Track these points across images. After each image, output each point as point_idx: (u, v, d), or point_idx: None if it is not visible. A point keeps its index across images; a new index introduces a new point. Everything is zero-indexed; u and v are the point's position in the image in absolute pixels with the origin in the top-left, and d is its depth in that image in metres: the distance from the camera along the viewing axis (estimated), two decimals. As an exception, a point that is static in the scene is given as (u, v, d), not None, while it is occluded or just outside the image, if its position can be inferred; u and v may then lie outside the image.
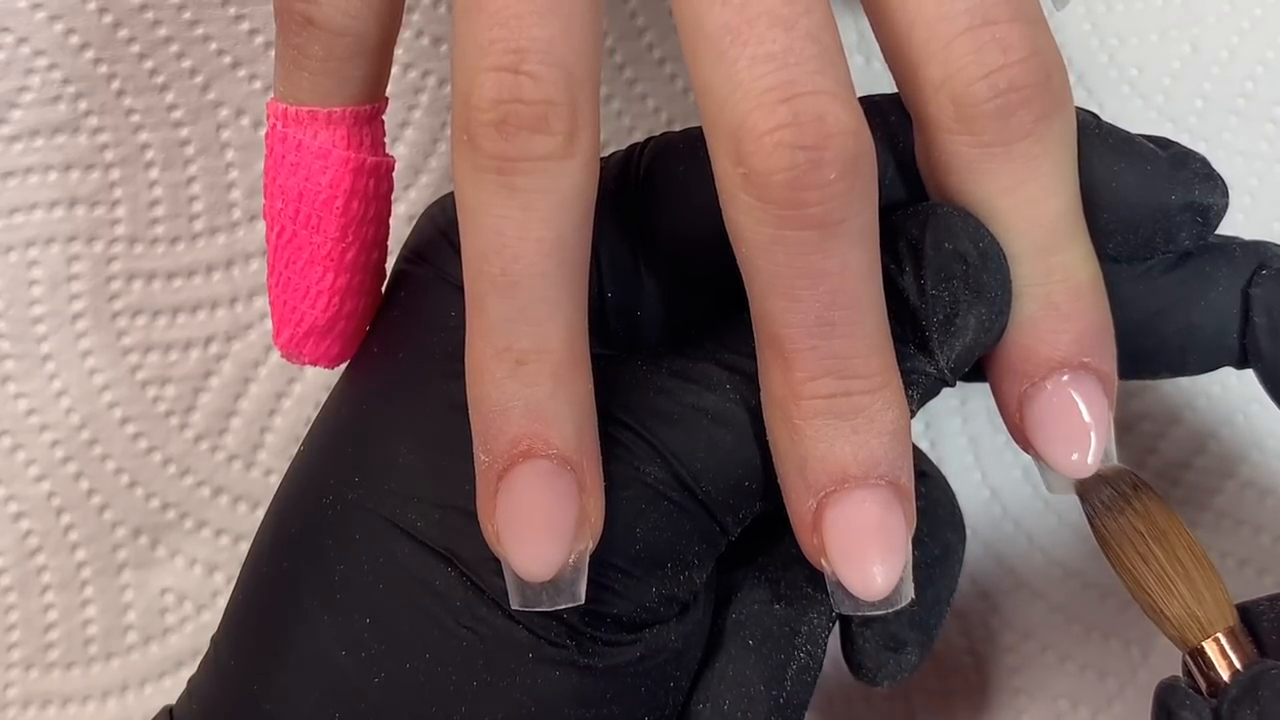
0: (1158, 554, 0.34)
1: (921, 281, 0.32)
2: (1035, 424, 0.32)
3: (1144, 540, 0.34)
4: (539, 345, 0.31)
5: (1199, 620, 0.33)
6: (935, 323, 0.32)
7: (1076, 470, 0.32)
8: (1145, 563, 0.34)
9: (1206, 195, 0.33)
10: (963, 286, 0.31)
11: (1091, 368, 0.32)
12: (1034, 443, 0.33)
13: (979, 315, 0.32)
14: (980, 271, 0.31)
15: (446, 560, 0.32)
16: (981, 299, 0.32)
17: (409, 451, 0.33)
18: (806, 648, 0.35)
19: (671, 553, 0.33)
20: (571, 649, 0.32)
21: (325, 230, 0.34)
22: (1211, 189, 0.33)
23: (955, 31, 0.31)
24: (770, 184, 0.29)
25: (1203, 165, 0.33)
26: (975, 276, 0.31)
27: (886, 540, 0.31)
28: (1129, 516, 0.34)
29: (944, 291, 0.31)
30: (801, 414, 0.31)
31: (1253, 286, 0.34)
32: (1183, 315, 0.34)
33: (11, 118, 0.42)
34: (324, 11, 0.33)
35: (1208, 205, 0.33)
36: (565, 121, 0.30)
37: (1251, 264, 0.34)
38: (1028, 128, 0.31)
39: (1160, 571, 0.34)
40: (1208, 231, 0.34)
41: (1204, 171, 0.33)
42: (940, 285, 0.31)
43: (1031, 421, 0.32)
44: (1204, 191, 0.33)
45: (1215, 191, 0.33)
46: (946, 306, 0.32)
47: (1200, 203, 0.33)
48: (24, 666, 0.45)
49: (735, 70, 0.29)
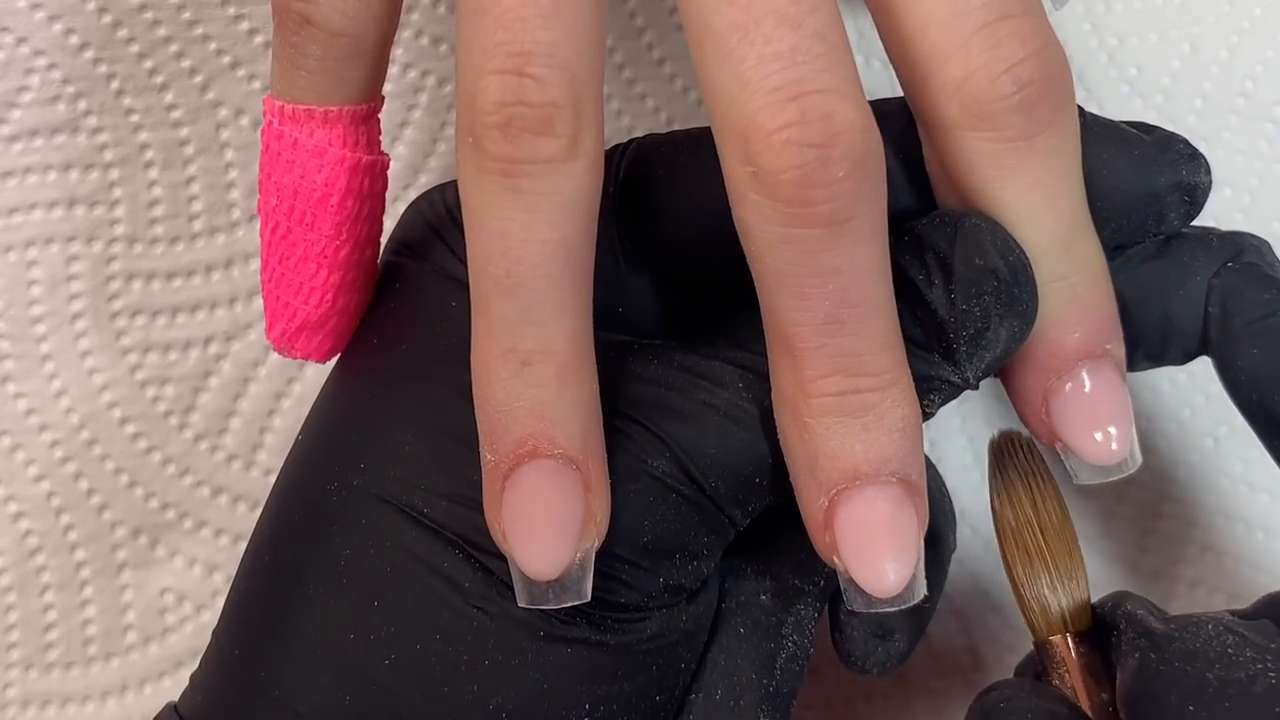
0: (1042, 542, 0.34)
1: (951, 296, 0.32)
2: (1063, 417, 0.32)
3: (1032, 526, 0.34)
4: (544, 346, 0.31)
5: (1047, 616, 0.34)
6: (964, 336, 0.32)
7: (1107, 458, 0.32)
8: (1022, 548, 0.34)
9: (1193, 175, 0.34)
10: (994, 301, 0.31)
11: (1111, 354, 0.32)
12: (1063, 435, 0.33)
13: (1011, 328, 0.32)
14: (1012, 286, 0.31)
15: (454, 544, 0.33)
16: (1013, 312, 0.32)
17: (415, 439, 0.33)
18: (794, 637, 0.35)
19: (679, 544, 0.33)
20: (582, 626, 0.33)
21: (320, 227, 0.34)
22: (1196, 168, 0.34)
23: (973, 27, 0.31)
24: (779, 182, 0.29)
25: (1185, 146, 0.34)
26: (1007, 291, 0.31)
27: (898, 537, 0.31)
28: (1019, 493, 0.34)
29: (974, 307, 0.31)
30: (812, 412, 0.31)
31: (1213, 277, 0.34)
32: (1161, 305, 0.34)
33: (11, 118, 0.42)
34: (322, 11, 0.33)
35: (1195, 184, 0.34)
36: (569, 124, 0.30)
37: (1226, 255, 0.34)
38: (1047, 120, 0.31)
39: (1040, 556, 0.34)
40: (1195, 211, 0.34)
41: (1188, 152, 0.34)
42: (971, 301, 0.31)
43: (1059, 415, 0.33)
44: (1190, 171, 0.34)
45: (1200, 170, 0.34)
46: (978, 321, 0.31)
47: (1188, 182, 0.33)
48: (24, 666, 0.45)
49: (743, 69, 0.29)
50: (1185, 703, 0.30)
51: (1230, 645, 0.30)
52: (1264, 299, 0.34)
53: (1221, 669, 0.30)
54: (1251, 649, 0.30)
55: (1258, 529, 0.44)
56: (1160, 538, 0.45)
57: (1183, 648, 0.31)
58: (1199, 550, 0.45)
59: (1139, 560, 0.45)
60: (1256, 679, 0.29)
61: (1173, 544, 0.45)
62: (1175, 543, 0.45)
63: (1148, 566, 0.45)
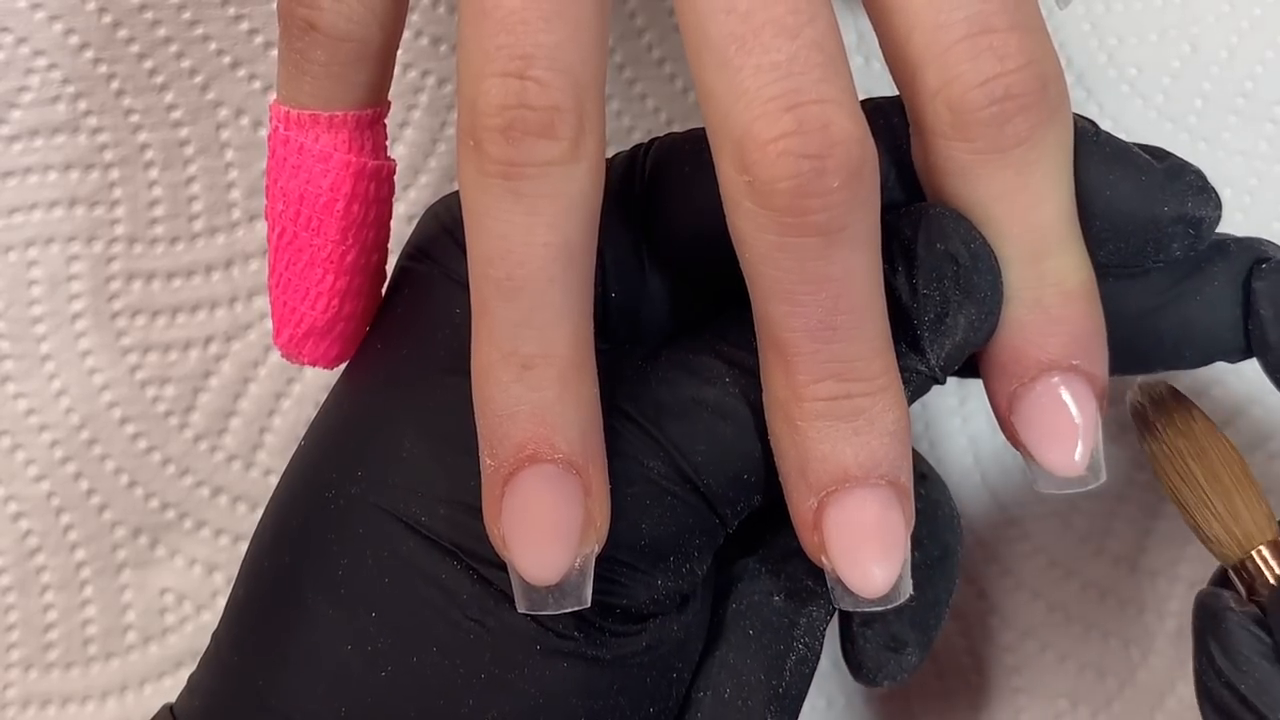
0: (1196, 472, 0.35)
1: (913, 281, 0.32)
2: (1024, 423, 0.33)
3: (1183, 458, 0.35)
4: (545, 350, 0.31)
5: (1236, 536, 0.35)
6: (926, 322, 0.32)
7: (1064, 469, 0.33)
8: (1185, 481, 0.35)
9: (1199, 208, 0.33)
10: (953, 286, 0.32)
11: (1081, 370, 0.32)
12: (1023, 441, 0.33)
13: (969, 315, 0.32)
14: (971, 272, 0.32)
15: (452, 554, 0.33)
16: (971, 299, 0.32)
17: (413, 446, 0.33)
18: (805, 639, 0.35)
19: (674, 546, 0.33)
20: (579, 640, 0.33)
21: (326, 233, 0.34)
22: (1204, 202, 0.33)
23: (953, 39, 0.31)
24: (774, 192, 0.29)
25: (1197, 178, 0.34)
26: (966, 277, 0.32)
27: (886, 539, 0.31)
28: (1170, 435, 0.35)
29: (935, 291, 0.32)
30: (803, 415, 0.31)
31: (1254, 280, 0.34)
32: (1178, 311, 0.34)
33: (11, 118, 0.42)
34: (327, 17, 0.33)
35: (1200, 218, 0.33)
36: (571, 127, 0.30)
37: (1248, 259, 0.35)
38: (1022, 135, 0.31)
39: (1199, 489, 0.35)
40: (1200, 244, 0.34)
41: (1198, 184, 0.34)
42: (931, 285, 0.32)
43: (1020, 420, 0.33)
44: (1197, 205, 0.33)
45: (1208, 205, 0.34)
46: (937, 306, 0.32)
47: (1193, 215, 0.33)
48: (24, 666, 0.45)
49: (740, 78, 0.29)
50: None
51: None
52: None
53: None
54: None
55: (1258, 529, 0.44)
56: (1160, 538, 0.45)
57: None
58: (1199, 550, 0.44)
59: (1139, 560, 0.45)
60: None
61: (1173, 544, 0.45)
62: (1175, 543, 0.45)
63: (1148, 566, 0.45)
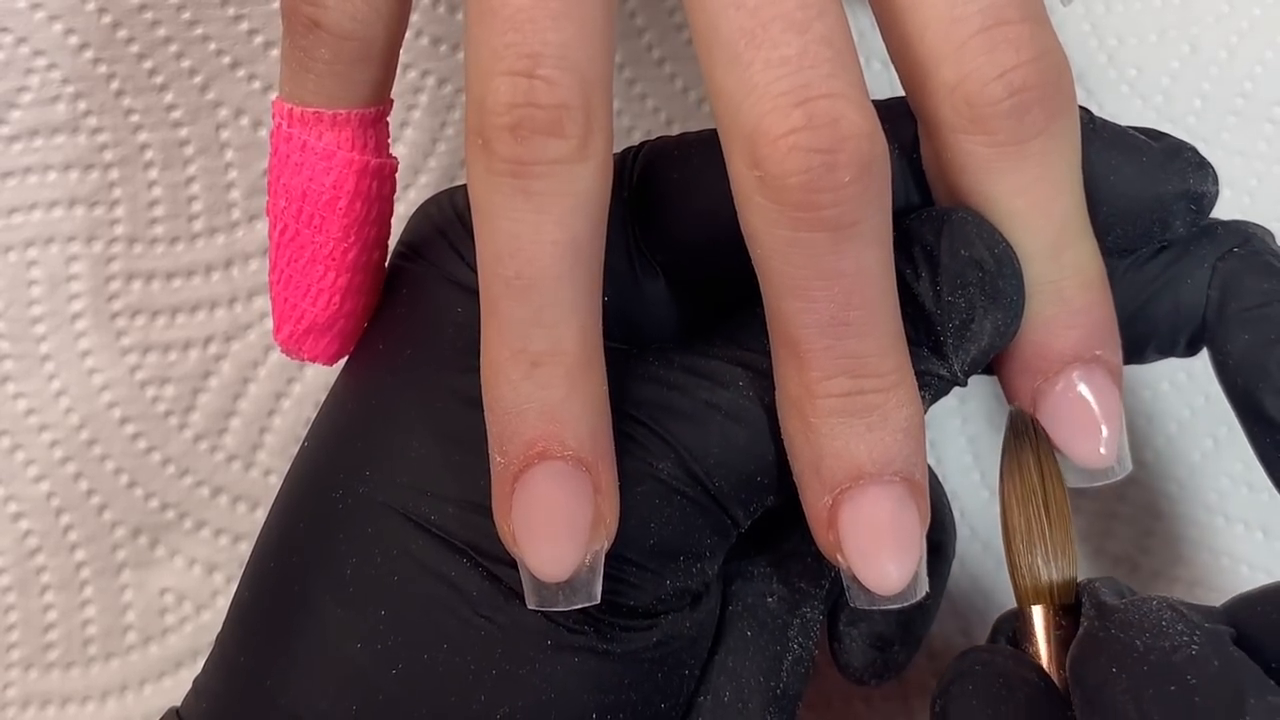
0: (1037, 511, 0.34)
1: (937, 288, 0.32)
2: (1051, 418, 0.33)
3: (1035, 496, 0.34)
4: (554, 347, 0.31)
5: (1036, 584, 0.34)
6: (951, 328, 0.32)
7: (1094, 461, 0.33)
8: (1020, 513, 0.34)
9: (1200, 184, 0.34)
10: (979, 293, 0.32)
11: (1103, 360, 0.33)
12: (1051, 436, 0.33)
13: (995, 321, 0.32)
14: (996, 278, 0.32)
15: (462, 552, 0.33)
16: (998, 304, 0.32)
17: (420, 445, 0.33)
18: (800, 639, 0.36)
19: (684, 546, 0.33)
20: (590, 635, 0.33)
21: (328, 230, 0.35)
22: (1204, 177, 0.34)
23: (969, 32, 0.31)
24: (785, 187, 0.29)
25: (1194, 154, 0.34)
26: (991, 283, 0.32)
27: (901, 536, 0.31)
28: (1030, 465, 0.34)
29: (960, 298, 0.32)
30: (817, 412, 0.31)
31: (1219, 260, 0.35)
32: (1170, 296, 0.35)
33: (11, 118, 0.42)
34: (331, 15, 0.33)
35: (1201, 193, 0.34)
36: (579, 125, 0.30)
37: (1232, 242, 0.35)
38: (1040, 126, 0.31)
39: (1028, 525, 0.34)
40: (1201, 219, 0.34)
41: (1196, 160, 0.34)
42: (956, 292, 0.32)
43: (1047, 416, 0.33)
44: (1197, 180, 0.34)
45: (1208, 179, 0.34)
46: (963, 313, 0.32)
47: (1194, 190, 0.34)
48: (23, 666, 0.45)
49: (750, 74, 0.30)
50: (1110, 665, 0.30)
51: (1165, 619, 0.31)
52: (1263, 288, 0.34)
53: (1150, 638, 0.30)
54: (1184, 624, 0.30)
55: (1257, 529, 0.44)
56: (1160, 538, 0.45)
57: (1122, 618, 0.31)
58: (1199, 550, 0.45)
59: (1139, 560, 0.45)
60: (1179, 649, 0.30)
61: (1172, 544, 0.45)
62: (1175, 543, 0.45)
63: (1148, 566, 0.45)
